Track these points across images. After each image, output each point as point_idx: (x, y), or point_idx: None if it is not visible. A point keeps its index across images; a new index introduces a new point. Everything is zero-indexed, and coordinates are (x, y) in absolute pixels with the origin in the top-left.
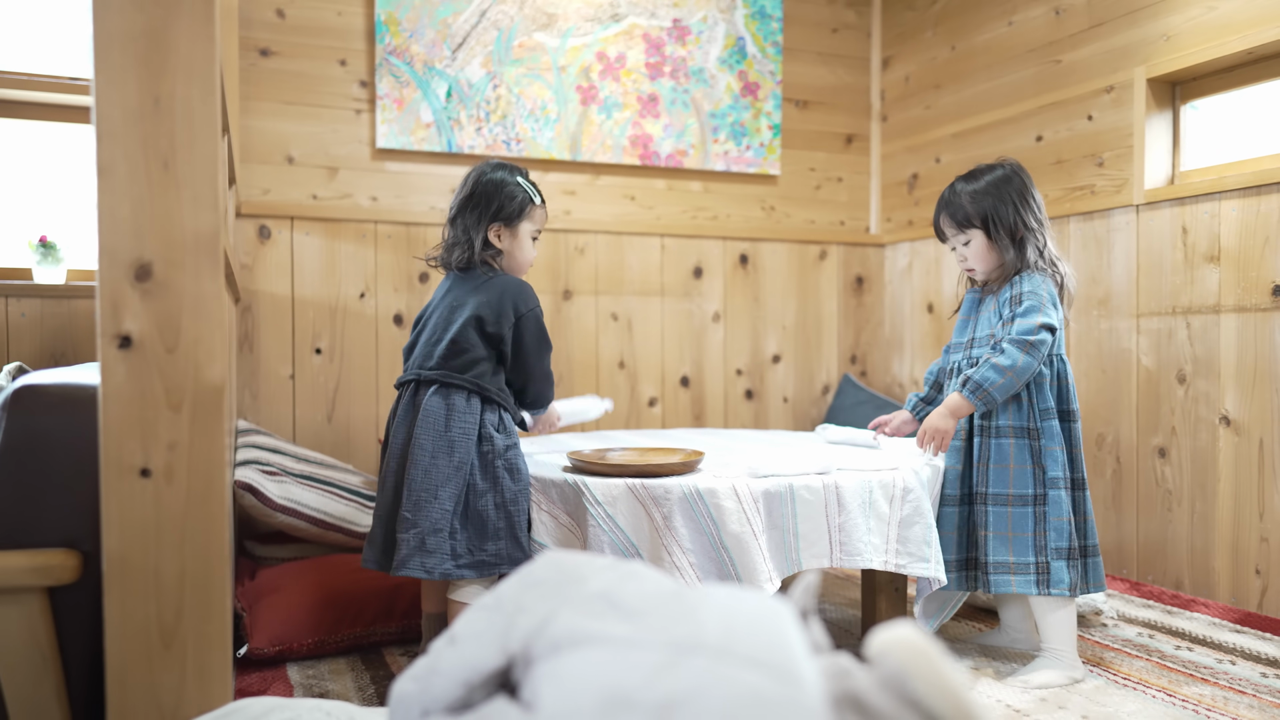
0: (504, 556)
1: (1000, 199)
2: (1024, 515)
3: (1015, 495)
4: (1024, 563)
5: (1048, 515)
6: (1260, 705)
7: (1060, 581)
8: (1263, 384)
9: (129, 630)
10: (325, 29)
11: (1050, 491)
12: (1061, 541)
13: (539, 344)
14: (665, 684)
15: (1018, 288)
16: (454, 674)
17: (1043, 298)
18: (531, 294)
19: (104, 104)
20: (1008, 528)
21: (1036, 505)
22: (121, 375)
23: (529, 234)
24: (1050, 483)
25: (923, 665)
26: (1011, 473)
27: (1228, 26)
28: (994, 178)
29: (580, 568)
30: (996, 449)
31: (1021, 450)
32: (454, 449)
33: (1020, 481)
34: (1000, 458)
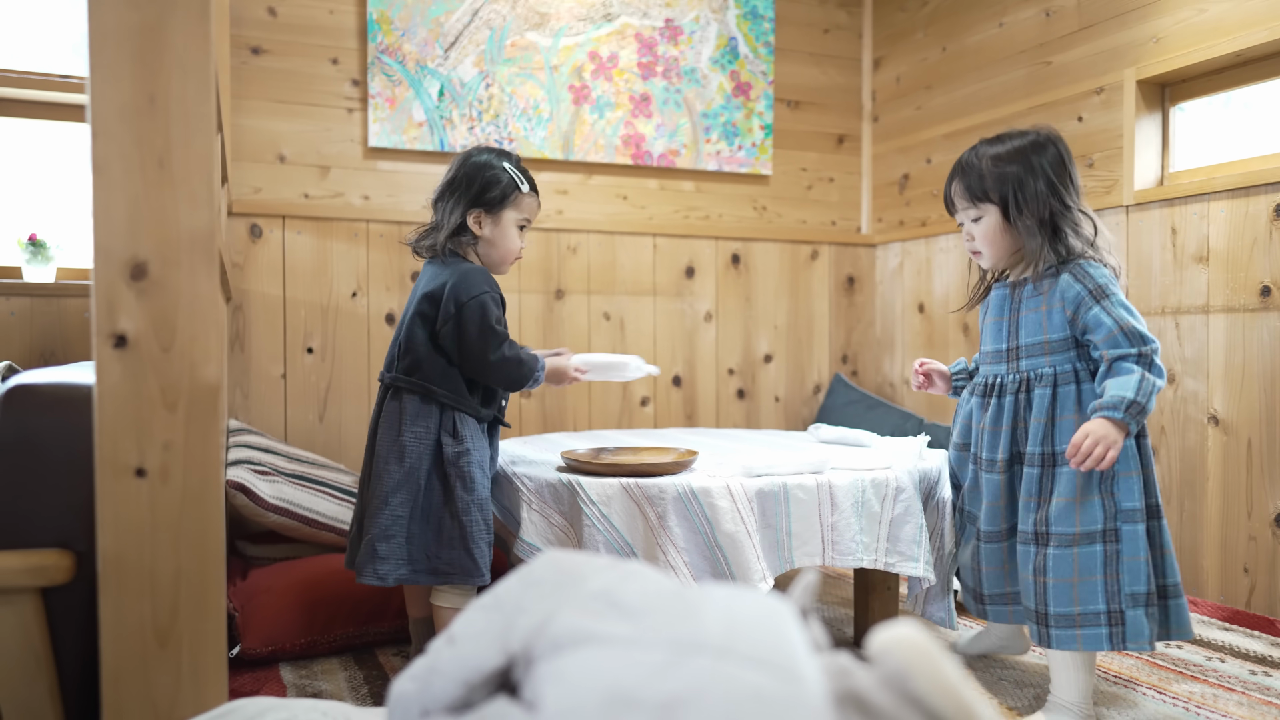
0: (456, 566)
1: (1029, 169)
2: (1092, 556)
3: (1083, 534)
4: (1093, 613)
5: (1122, 554)
6: (1249, 702)
7: (1140, 635)
8: (1251, 384)
9: (124, 630)
10: (317, 27)
11: (1124, 526)
12: (1139, 586)
13: (482, 335)
14: (668, 683)
15: (1091, 281)
16: (454, 674)
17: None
18: (480, 281)
19: (99, 102)
20: (1074, 573)
21: (1107, 543)
22: (117, 374)
23: (514, 222)
24: (1124, 516)
25: (924, 664)
26: (1078, 508)
27: (1217, 29)
28: (1024, 143)
29: (580, 567)
30: (1060, 480)
31: (1088, 479)
32: (405, 455)
33: (1088, 518)
34: (1063, 490)
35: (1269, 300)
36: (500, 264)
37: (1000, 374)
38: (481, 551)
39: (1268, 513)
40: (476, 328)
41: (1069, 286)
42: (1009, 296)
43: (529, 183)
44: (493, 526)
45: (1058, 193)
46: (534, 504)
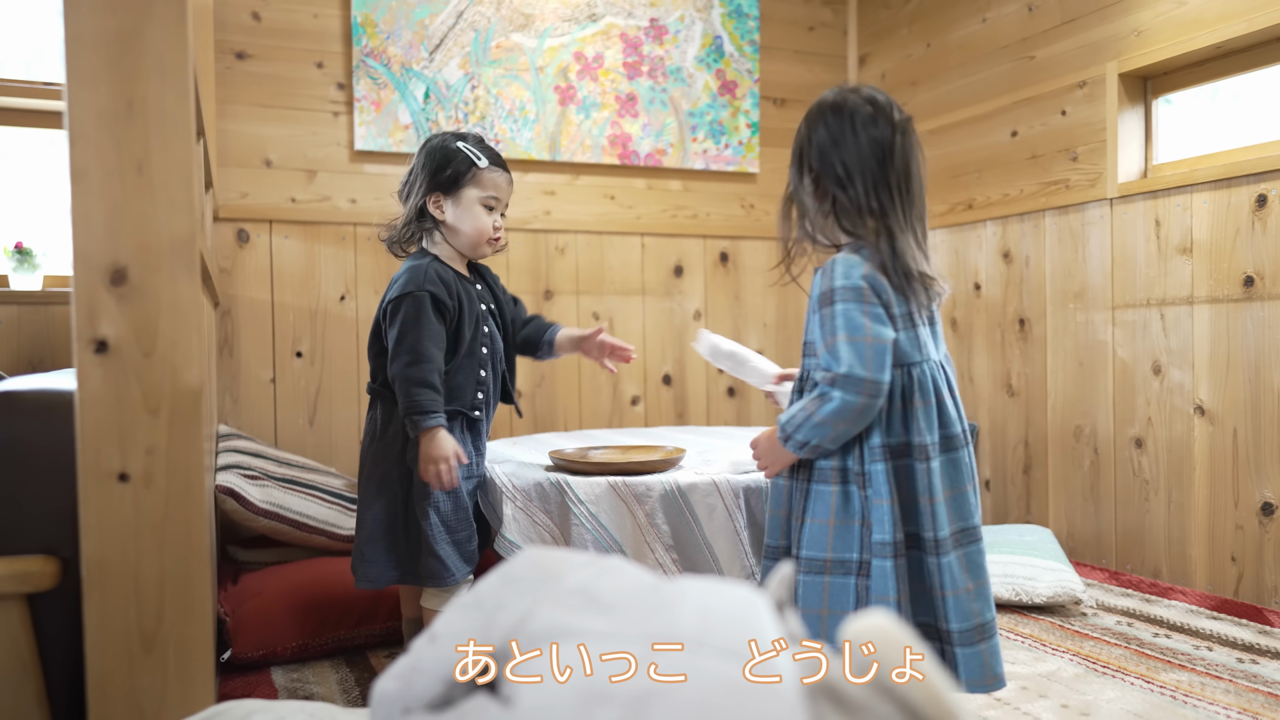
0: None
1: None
2: (844, 588)
3: (835, 561)
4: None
5: (870, 591)
6: (1236, 690)
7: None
8: (1235, 374)
9: (109, 635)
10: (301, 31)
11: (875, 560)
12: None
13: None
14: (642, 676)
15: (828, 280)
16: (435, 671)
17: (845, 291)
18: (417, 277)
19: (76, 108)
20: (823, 604)
21: (860, 576)
22: (98, 380)
23: (477, 201)
24: (876, 549)
25: (896, 653)
26: (831, 531)
27: (1197, 21)
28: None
29: (559, 564)
30: (817, 501)
31: (842, 500)
32: (378, 461)
33: (841, 544)
34: (820, 512)
35: (1252, 290)
36: (472, 247)
37: (803, 368)
38: (446, 552)
39: (1254, 502)
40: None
41: (816, 281)
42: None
43: (489, 157)
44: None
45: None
46: (518, 500)
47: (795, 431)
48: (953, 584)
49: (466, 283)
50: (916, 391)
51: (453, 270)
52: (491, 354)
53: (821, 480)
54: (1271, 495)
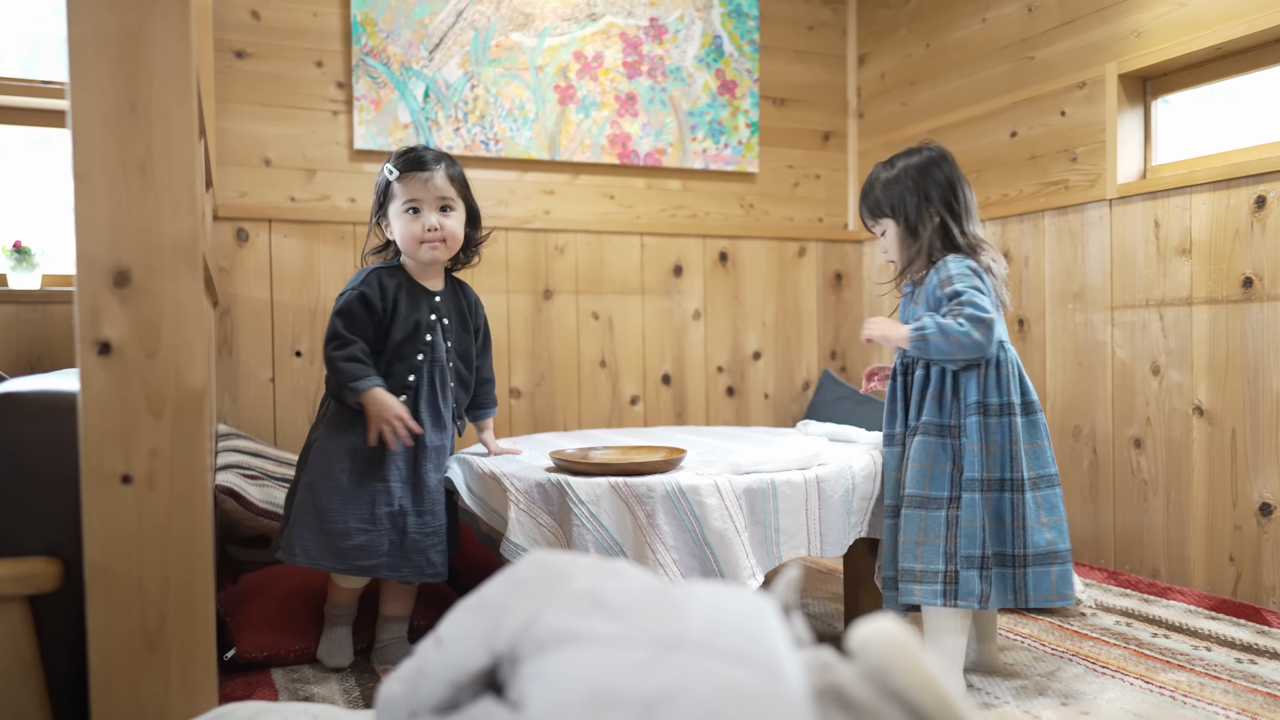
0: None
1: (908, 189)
2: (936, 519)
3: (930, 497)
4: (932, 571)
5: (960, 519)
6: (1235, 690)
7: (970, 593)
8: (1234, 375)
9: (112, 637)
10: (301, 30)
11: (965, 494)
12: (974, 549)
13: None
14: (650, 681)
15: (943, 271)
16: (441, 675)
17: (969, 275)
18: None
19: (80, 109)
20: (920, 532)
21: (950, 508)
22: (101, 382)
23: (400, 211)
24: (966, 484)
25: (904, 658)
26: (929, 474)
27: (1196, 22)
28: (910, 164)
29: (565, 566)
30: (919, 448)
31: (942, 450)
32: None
33: (937, 483)
34: (921, 457)
35: (1251, 291)
36: (411, 254)
37: (898, 358)
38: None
39: (1253, 502)
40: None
41: (931, 278)
42: (911, 289)
43: (403, 165)
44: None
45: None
46: (522, 504)
47: (919, 325)
48: (1030, 515)
49: (418, 290)
50: (1007, 363)
51: (405, 278)
52: (430, 363)
53: (924, 433)
54: (1270, 495)
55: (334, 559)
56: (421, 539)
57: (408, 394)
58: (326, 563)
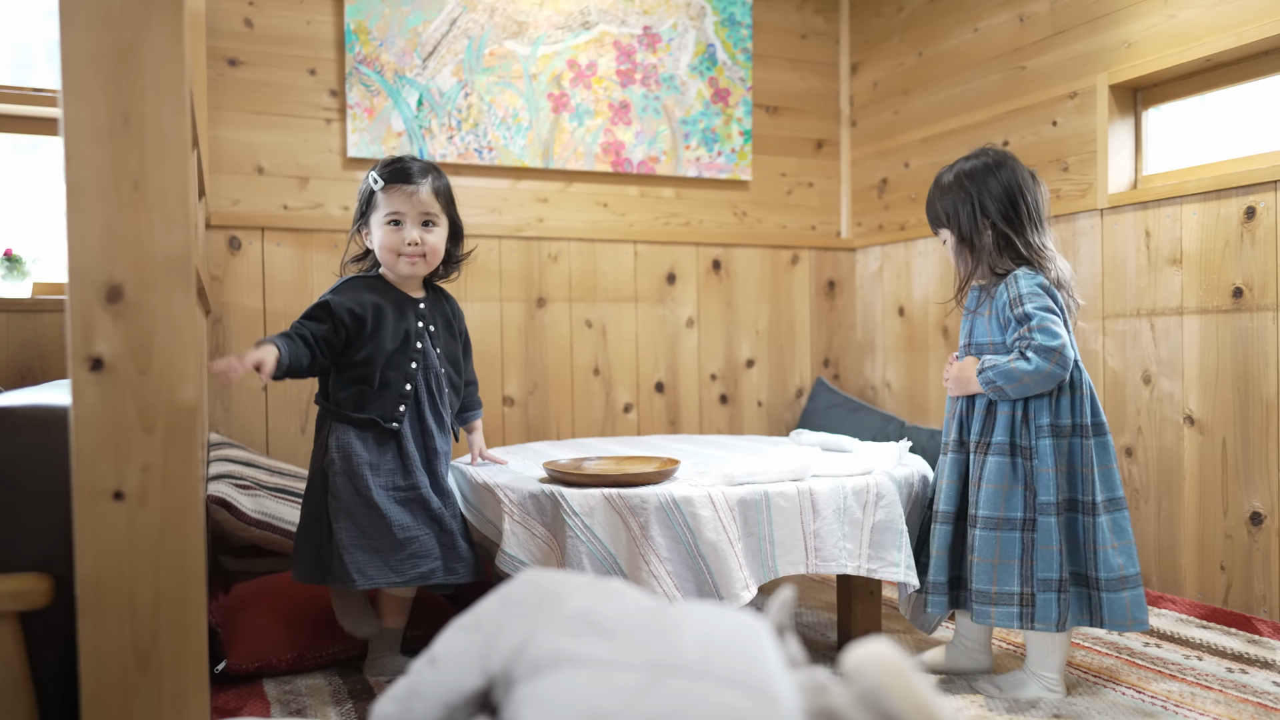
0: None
1: (962, 198)
2: (1011, 541)
3: (1005, 519)
4: (1007, 593)
5: (1035, 544)
6: (1226, 700)
7: (1047, 617)
8: (1225, 384)
9: (103, 655)
10: (294, 38)
11: (1041, 517)
12: (1050, 573)
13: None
14: (645, 705)
15: (1015, 289)
16: (435, 695)
17: (1042, 294)
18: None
19: (73, 124)
20: (996, 554)
21: (1025, 531)
22: (93, 397)
23: (380, 222)
24: (1041, 508)
25: (897, 681)
26: (1003, 494)
27: (1187, 34)
28: (965, 169)
29: (559, 586)
30: (992, 468)
31: (1015, 470)
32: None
33: (1011, 504)
34: (991, 476)
35: (1241, 301)
36: (391, 265)
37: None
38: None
39: (1243, 511)
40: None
41: (1001, 294)
42: (976, 298)
43: (388, 175)
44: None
45: (986, 214)
46: (516, 515)
47: (992, 372)
48: (1101, 540)
49: (403, 299)
50: (1081, 384)
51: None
52: (425, 371)
53: (996, 453)
54: (1260, 505)
55: (392, 573)
56: (465, 537)
57: (406, 403)
58: (385, 579)
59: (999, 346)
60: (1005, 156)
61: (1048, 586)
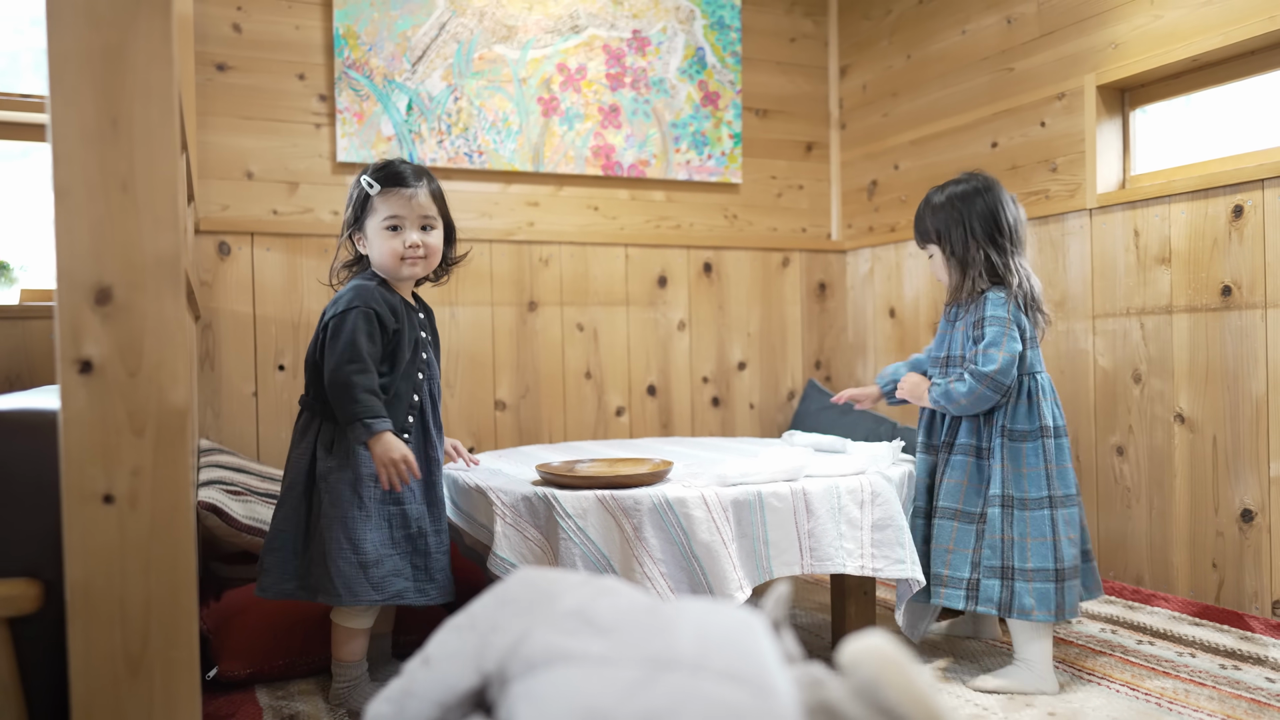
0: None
1: (954, 219)
2: (966, 532)
3: (963, 511)
4: (958, 577)
5: (984, 533)
6: (1220, 696)
7: (989, 600)
8: (1215, 382)
9: (93, 660)
10: (283, 43)
11: (990, 510)
12: (994, 560)
13: (333, 346)
14: (642, 700)
15: (981, 310)
16: (429, 695)
17: (1006, 322)
18: (352, 296)
19: (60, 126)
20: (950, 542)
21: (978, 523)
22: (82, 400)
23: (378, 226)
24: (989, 500)
25: (894, 674)
26: (963, 490)
27: (1173, 34)
28: (956, 192)
29: (553, 584)
30: (954, 467)
31: (975, 469)
32: (289, 469)
33: (969, 498)
34: (956, 474)
35: (1230, 300)
36: (391, 271)
37: (935, 375)
38: (341, 570)
39: (1234, 508)
40: (332, 339)
41: (973, 313)
42: (955, 313)
43: (384, 179)
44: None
45: (975, 235)
46: (508, 518)
47: (936, 391)
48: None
49: (409, 308)
50: (1038, 392)
51: (393, 291)
52: (428, 381)
53: (963, 453)
54: (1251, 502)
55: (372, 589)
56: (441, 556)
57: (414, 414)
58: (367, 597)
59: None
60: (992, 182)
61: (992, 573)
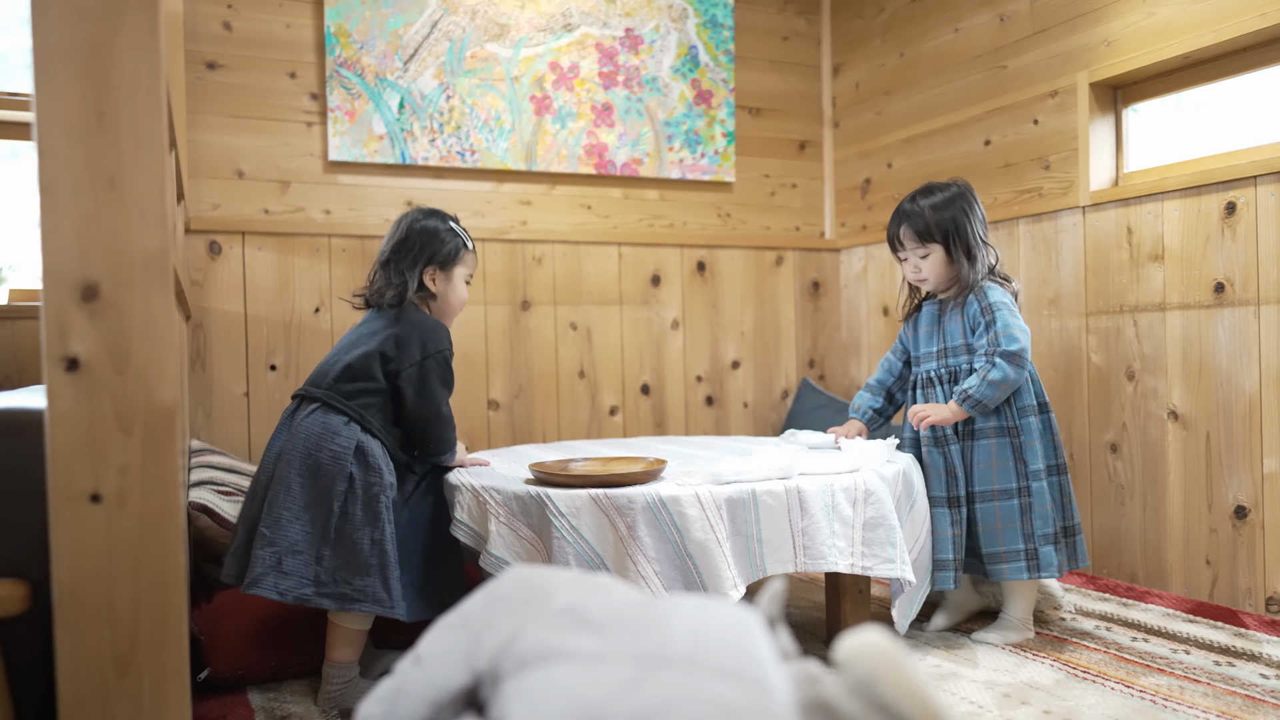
0: (368, 594)
1: (962, 218)
2: (1010, 508)
3: (1000, 490)
4: (1014, 550)
5: (1033, 506)
6: (1214, 693)
7: (1050, 565)
8: (1208, 379)
9: (81, 661)
10: (274, 41)
11: (1034, 484)
12: (1048, 528)
13: (443, 386)
14: (636, 698)
15: (985, 299)
16: (421, 694)
17: (1011, 305)
18: (444, 337)
19: (45, 121)
20: (997, 521)
21: (1021, 497)
22: (69, 398)
23: (462, 278)
24: (1033, 475)
25: (890, 669)
26: (995, 470)
27: (1166, 31)
28: (951, 194)
29: (546, 582)
30: (981, 450)
31: (1003, 449)
32: (320, 472)
33: (1004, 477)
34: (984, 458)
35: (1223, 296)
36: (449, 315)
37: (933, 369)
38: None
39: (1228, 505)
40: (438, 379)
41: (972, 304)
42: (938, 311)
43: (468, 243)
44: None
45: (977, 232)
46: (502, 517)
47: (975, 394)
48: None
49: None
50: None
51: None
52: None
53: (984, 437)
54: (1244, 498)
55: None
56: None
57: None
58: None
59: (970, 347)
60: (968, 186)
61: (1047, 540)
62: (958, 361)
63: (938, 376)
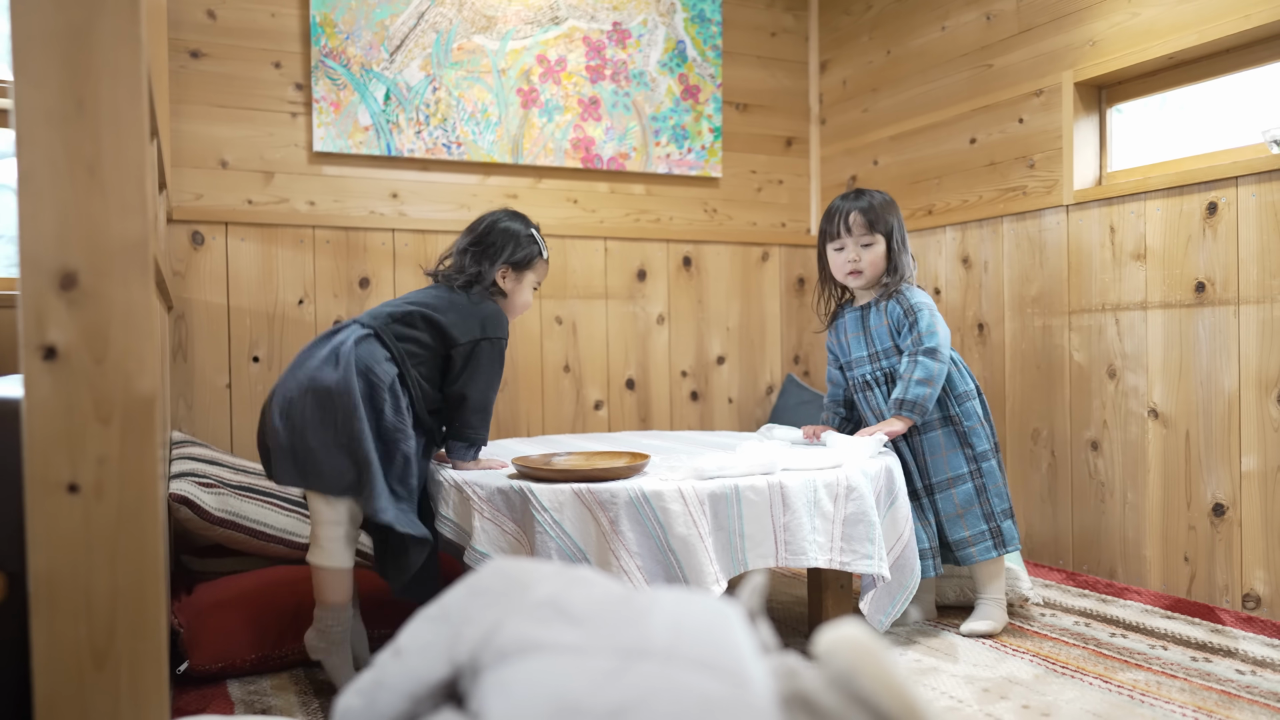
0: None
1: (896, 218)
2: (967, 492)
3: (954, 477)
4: (979, 532)
5: (986, 486)
6: (1191, 689)
7: (1013, 539)
8: (1188, 378)
9: (58, 653)
10: (258, 30)
11: (983, 464)
12: (1004, 504)
13: (491, 372)
14: (615, 690)
15: (908, 301)
16: (400, 687)
17: (931, 306)
18: (505, 326)
19: (24, 107)
20: (957, 507)
21: (975, 479)
22: (47, 388)
23: (531, 283)
24: (980, 456)
25: (869, 663)
26: (945, 459)
27: (1150, 32)
28: (887, 198)
29: (527, 575)
30: (929, 443)
31: (950, 437)
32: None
33: (955, 464)
34: (933, 449)
35: (1203, 296)
36: (514, 314)
37: (867, 373)
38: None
39: (1206, 503)
40: (490, 363)
41: (895, 307)
42: (862, 316)
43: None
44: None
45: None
46: (485, 512)
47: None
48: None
49: None
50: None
51: None
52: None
53: (930, 430)
54: (1223, 496)
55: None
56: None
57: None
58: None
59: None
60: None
61: (1006, 515)
62: (891, 363)
63: (874, 379)
